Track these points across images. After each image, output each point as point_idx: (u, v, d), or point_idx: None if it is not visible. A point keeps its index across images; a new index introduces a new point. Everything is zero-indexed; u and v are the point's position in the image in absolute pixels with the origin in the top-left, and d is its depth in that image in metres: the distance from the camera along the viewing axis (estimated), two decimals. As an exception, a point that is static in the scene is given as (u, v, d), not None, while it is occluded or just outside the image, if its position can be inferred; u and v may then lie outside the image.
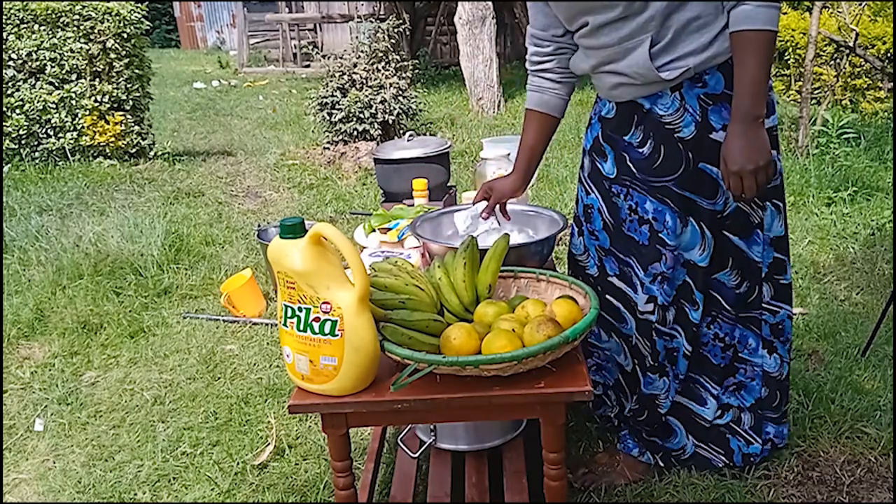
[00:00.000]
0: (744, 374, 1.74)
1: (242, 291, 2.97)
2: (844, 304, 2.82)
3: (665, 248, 1.59)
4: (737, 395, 1.76)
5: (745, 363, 1.73)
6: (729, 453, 1.79)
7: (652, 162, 1.57)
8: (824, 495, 1.77)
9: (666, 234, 1.58)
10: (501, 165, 2.15)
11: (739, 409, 1.77)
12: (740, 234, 1.62)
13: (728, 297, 1.67)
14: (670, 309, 1.65)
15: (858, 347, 2.42)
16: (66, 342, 2.78)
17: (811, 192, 4.07)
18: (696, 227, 1.58)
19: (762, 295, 1.68)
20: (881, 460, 1.87)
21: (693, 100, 1.51)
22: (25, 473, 2.04)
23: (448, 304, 1.43)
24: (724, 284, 1.66)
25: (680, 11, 1.44)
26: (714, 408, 1.76)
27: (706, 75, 1.49)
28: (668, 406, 1.75)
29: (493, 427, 1.78)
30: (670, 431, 1.80)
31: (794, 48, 7.09)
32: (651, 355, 1.70)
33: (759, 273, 1.65)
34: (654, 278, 1.63)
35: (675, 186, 1.56)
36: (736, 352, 1.73)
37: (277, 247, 1.22)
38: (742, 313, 1.69)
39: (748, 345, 1.72)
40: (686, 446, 1.80)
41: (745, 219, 1.61)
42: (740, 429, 1.78)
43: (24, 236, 3.74)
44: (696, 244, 1.59)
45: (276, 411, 2.24)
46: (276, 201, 4.73)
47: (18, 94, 5.23)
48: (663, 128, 1.54)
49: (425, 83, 9.50)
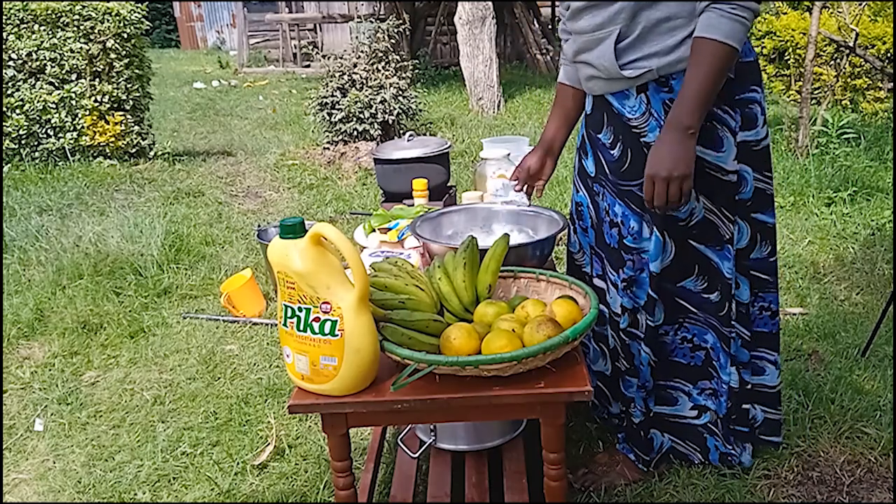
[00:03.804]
0: (717, 384, 1.71)
1: (242, 291, 2.97)
2: (844, 304, 2.82)
3: (629, 253, 1.59)
4: (713, 401, 1.74)
5: (718, 375, 1.70)
6: (705, 451, 1.80)
7: (621, 164, 1.57)
8: (824, 495, 1.77)
9: (630, 238, 1.58)
10: (501, 165, 2.15)
11: (716, 414, 1.75)
12: (709, 243, 1.58)
13: (693, 301, 1.63)
14: (640, 314, 1.65)
15: (858, 347, 2.42)
16: (66, 342, 2.78)
17: (811, 192, 4.07)
18: (659, 235, 1.55)
19: (731, 312, 1.62)
20: (881, 460, 1.87)
21: (658, 104, 1.48)
22: (25, 473, 2.04)
23: (448, 304, 1.43)
24: (690, 291, 1.63)
25: (650, 10, 1.42)
26: (688, 405, 1.76)
27: (672, 80, 1.46)
28: (639, 416, 1.74)
29: (493, 427, 1.78)
30: (650, 444, 1.79)
31: (794, 48, 7.09)
32: (625, 357, 1.71)
33: (730, 289, 1.60)
34: (620, 284, 1.64)
35: (639, 191, 1.53)
36: (709, 357, 1.69)
37: (277, 247, 1.22)
38: (712, 320, 1.64)
39: (719, 358, 1.68)
40: (663, 443, 1.81)
41: (714, 230, 1.56)
42: (718, 430, 1.77)
43: (24, 236, 3.74)
44: (659, 252, 1.56)
45: (276, 411, 2.24)
46: (276, 201, 4.73)
47: (18, 94, 5.23)
48: (630, 131, 1.53)
49: (425, 83, 9.50)
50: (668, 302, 1.64)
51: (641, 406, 1.74)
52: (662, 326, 1.66)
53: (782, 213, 3.89)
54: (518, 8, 10.39)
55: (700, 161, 1.48)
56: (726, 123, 1.48)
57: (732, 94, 1.48)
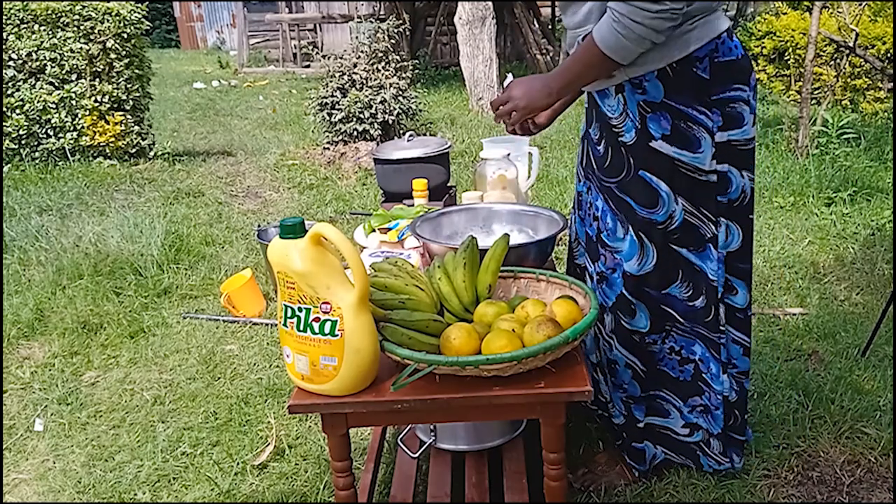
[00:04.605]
0: (709, 399, 1.68)
1: (242, 291, 2.97)
2: (844, 305, 2.82)
3: (604, 248, 1.61)
4: (705, 418, 1.72)
5: (710, 388, 1.67)
6: (698, 465, 1.79)
7: (604, 161, 1.59)
8: (824, 495, 1.77)
9: (606, 234, 1.60)
10: (501, 165, 2.15)
11: (708, 433, 1.73)
12: (691, 246, 1.56)
13: (678, 309, 1.61)
14: (608, 314, 1.64)
15: (858, 347, 2.42)
16: (66, 342, 2.78)
17: (811, 192, 4.08)
18: (635, 237, 1.55)
19: (719, 317, 1.61)
20: (881, 460, 1.87)
21: (634, 105, 1.49)
22: (25, 473, 2.04)
23: (448, 305, 1.43)
24: (675, 298, 1.60)
25: None
26: (679, 422, 1.74)
27: (646, 82, 1.46)
28: (620, 418, 1.74)
29: (493, 427, 1.78)
30: (641, 455, 1.78)
31: (794, 48, 7.09)
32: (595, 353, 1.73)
33: (715, 293, 1.58)
34: (594, 276, 1.66)
35: (616, 189, 1.56)
36: (699, 370, 1.67)
37: (277, 247, 1.22)
38: (699, 329, 1.62)
39: (710, 369, 1.65)
40: (655, 454, 1.79)
41: (695, 232, 1.55)
42: (710, 451, 1.75)
43: (24, 236, 3.74)
44: (634, 255, 1.56)
45: (276, 411, 2.24)
46: (276, 201, 4.73)
47: (18, 94, 5.23)
48: (611, 129, 1.55)
49: (425, 83, 9.50)
50: (653, 309, 1.62)
51: (621, 408, 1.73)
52: (650, 335, 1.64)
53: (782, 213, 3.89)
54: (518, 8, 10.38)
55: (677, 162, 1.48)
56: (702, 123, 1.47)
57: (708, 93, 1.46)
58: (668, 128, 1.46)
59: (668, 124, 1.47)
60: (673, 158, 1.48)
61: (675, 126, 1.46)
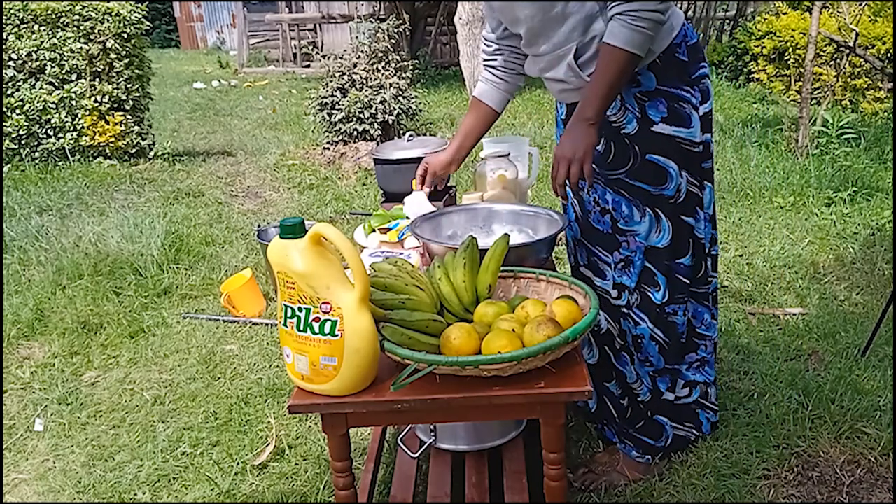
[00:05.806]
0: (704, 349, 1.81)
1: (242, 291, 2.97)
2: (844, 304, 2.82)
3: (623, 235, 1.70)
4: (702, 371, 1.83)
5: (704, 338, 1.81)
6: (699, 426, 1.88)
7: (606, 157, 1.66)
8: (824, 495, 1.77)
9: (623, 222, 1.69)
10: (501, 165, 2.15)
11: (706, 384, 1.84)
12: (689, 214, 1.69)
13: (682, 272, 1.73)
14: (634, 293, 1.72)
15: (858, 347, 2.42)
16: (66, 342, 2.78)
17: (811, 192, 4.08)
18: (652, 214, 1.66)
19: (707, 269, 1.76)
20: (881, 460, 1.87)
21: (631, 98, 1.59)
22: (25, 473, 2.04)
23: (448, 305, 1.43)
24: (681, 264, 1.72)
25: (597, 21, 1.51)
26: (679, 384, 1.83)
27: (639, 76, 1.58)
28: (646, 395, 1.80)
29: (493, 427, 1.78)
30: (660, 430, 1.83)
31: (794, 48, 7.09)
32: (619, 335, 1.78)
33: (704, 249, 1.74)
34: (617, 264, 1.72)
35: (626, 178, 1.65)
36: (692, 325, 1.79)
37: (277, 247, 1.22)
38: (693, 288, 1.76)
39: (704, 320, 1.79)
40: (669, 435, 1.85)
41: (694, 198, 1.68)
42: (708, 402, 1.87)
43: (24, 236, 3.74)
44: (653, 229, 1.67)
45: (276, 411, 2.24)
46: (276, 201, 4.73)
47: (18, 94, 5.23)
48: (610, 126, 1.63)
49: (425, 83, 9.50)
50: (670, 279, 1.71)
51: (648, 383, 1.79)
52: (669, 305, 1.73)
53: (782, 213, 3.90)
54: (518, 8, 10.37)
55: (677, 139, 1.61)
56: (690, 101, 1.61)
57: (689, 73, 1.60)
58: (665, 111, 1.59)
59: (664, 108, 1.59)
60: (673, 137, 1.61)
61: (670, 108, 1.59)
